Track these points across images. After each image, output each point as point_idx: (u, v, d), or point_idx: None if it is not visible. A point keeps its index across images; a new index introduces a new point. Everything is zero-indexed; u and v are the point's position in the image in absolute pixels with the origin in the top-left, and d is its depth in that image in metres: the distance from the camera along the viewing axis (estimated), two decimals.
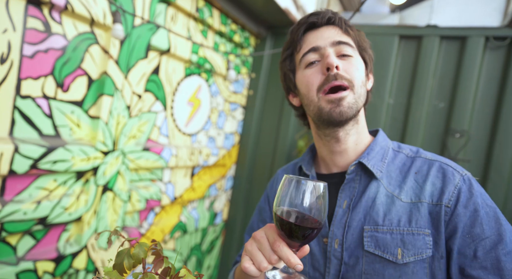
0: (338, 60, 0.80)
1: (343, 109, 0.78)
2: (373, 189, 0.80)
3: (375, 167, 0.81)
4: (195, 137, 1.98)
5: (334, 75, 0.78)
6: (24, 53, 1.13)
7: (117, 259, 0.52)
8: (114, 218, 1.51)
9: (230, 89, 2.21)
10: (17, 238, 1.20)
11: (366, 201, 0.80)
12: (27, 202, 1.18)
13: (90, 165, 1.35)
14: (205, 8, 1.80)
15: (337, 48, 0.82)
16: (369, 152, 0.84)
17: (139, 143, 1.60)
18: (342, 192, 0.83)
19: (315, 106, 0.82)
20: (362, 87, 0.81)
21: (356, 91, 0.79)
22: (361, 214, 0.79)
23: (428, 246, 0.73)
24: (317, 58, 0.82)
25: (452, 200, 0.73)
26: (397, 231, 0.75)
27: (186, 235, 2.04)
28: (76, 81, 1.29)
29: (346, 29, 0.84)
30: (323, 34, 0.83)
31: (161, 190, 1.77)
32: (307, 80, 0.83)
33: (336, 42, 0.82)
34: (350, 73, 0.79)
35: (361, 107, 0.82)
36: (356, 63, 0.82)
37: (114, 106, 1.40)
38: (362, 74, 0.83)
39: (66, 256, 1.34)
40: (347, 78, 0.78)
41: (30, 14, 1.12)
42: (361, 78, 0.81)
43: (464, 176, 0.76)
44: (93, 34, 1.30)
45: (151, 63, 1.57)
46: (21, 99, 1.14)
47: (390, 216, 0.76)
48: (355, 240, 0.78)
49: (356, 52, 0.84)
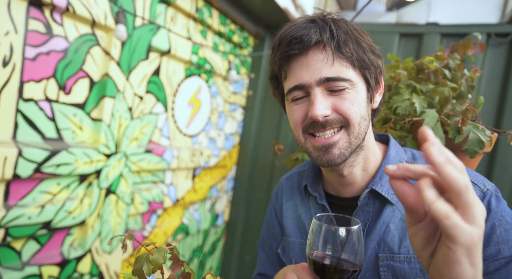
0: (327, 98, 0.69)
1: (332, 157, 0.69)
2: (388, 213, 0.73)
3: (389, 192, 0.73)
4: (196, 138, 1.97)
5: (322, 124, 0.68)
6: (26, 56, 1.11)
7: (136, 264, 0.51)
8: (118, 221, 1.49)
9: (230, 89, 2.20)
10: (21, 242, 1.19)
11: (381, 227, 0.73)
12: (31, 207, 1.17)
13: (93, 168, 1.34)
14: (204, 8, 1.80)
15: (326, 85, 0.69)
16: (382, 175, 0.75)
17: (141, 145, 1.59)
18: (356, 217, 0.76)
19: (303, 146, 0.74)
20: (362, 122, 0.70)
21: (352, 131, 0.69)
22: (375, 241, 0.72)
23: None
24: (304, 93, 0.71)
25: None
26: (416, 259, 0.67)
27: (188, 237, 2.03)
28: (78, 83, 1.27)
29: (338, 51, 0.68)
30: (309, 64, 0.69)
31: (163, 192, 1.76)
32: (293, 117, 0.73)
33: (323, 79, 0.68)
34: (343, 112, 0.68)
35: (361, 141, 0.72)
36: (352, 97, 0.69)
37: (116, 108, 1.39)
38: (362, 106, 0.71)
39: (71, 260, 1.33)
40: (339, 120, 0.68)
41: (31, 16, 1.11)
42: (359, 111, 0.70)
43: (486, 191, 0.67)
44: (94, 35, 1.29)
45: (152, 64, 1.56)
46: (23, 102, 1.13)
47: (406, 243, 0.69)
48: (370, 269, 0.72)
49: (352, 81, 0.70)
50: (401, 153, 0.81)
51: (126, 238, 0.61)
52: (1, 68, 1.06)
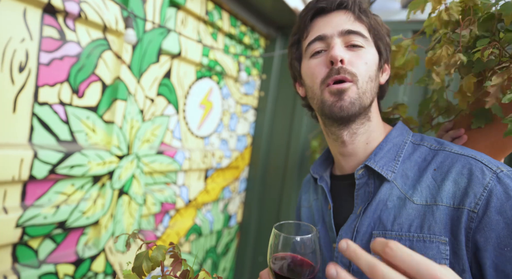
0: (344, 51, 0.74)
1: (344, 103, 0.72)
2: (385, 191, 0.73)
3: (384, 168, 0.74)
4: (208, 140, 2.00)
5: (337, 69, 0.72)
6: (41, 61, 1.16)
7: (136, 262, 0.53)
8: (131, 221, 1.53)
9: (241, 91, 2.22)
10: (38, 241, 1.23)
11: (377, 205, 0.73)
12: (46, 207, 1.21)
13: (106, 169, 1.37)
14: (214, 11, 1.82)
15: (345, 38, 0.75)
16: (377, 152, 0.76)
17: (153, 146, 1.62)
18: (358, 198, 0.77)
19: (318, 99, 0.77)
20: (369, 83, 0.74)
21: (360, 86, 0.73)
22: (370, 219, 0.73)
23: (444, 256, 0.62)
24: (324, 47, 0.76)
25: (480, 204, 0.60)
26: (407, 237, 0.66)
27: (201, 238, 2.05)
28: (91, 87, 1.31)
29: (359, 14, 0.76)
30: (332, 21, 0.76)
31: (176, 193, 1.78)
32: (312, 71, 0.77)
33: (345, 31, 0.74)
34: (356, 66, 0.73)
35: (368, 104, 0.75)
36: (366, 56, 0.75)
37: (128, 111, 1.42)
38: (372, 68, 0.76)
39: (85, 259, 1.36)
40: (351, 71, 0.72)
41: (45, 23, 1.15)
42: (369, 72, 0.74)
43: (499, 173, 0.62)
44: (106, 40, 1.33)
45: (162, 67, 1.59)
46: (39, 106, 1.17)
47: (400, 220, 0.68)
48: (364, 246, 0.72)
49: (369, 42, 0.77)
50: (406, 135, 0.80)
51: (130, 237, 0.63)
52: (17, 74, 1.10)
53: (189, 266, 0.54)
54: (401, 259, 0.40)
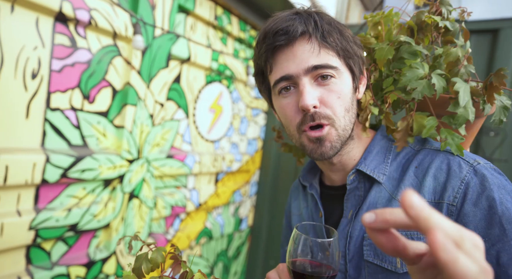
0: (314, 90, 0.69)
1: (325, 150, 0.70)
2: (375, 194, 0.73)
3: (375, 171, 0.74)
4: (218, 144, 2.01)
5: (311, 116, 0.69)
6: (53, 68, 1.19)
7: (136, 263, 0.54)
8: (141, 224, 1.55)
9: (252, 94, 2.22)
10: (51, 244, 1.26)
11: (368, 208, 0.72)
12: (58, 210, 1.24)
13: (117, 173, 1.40)
14: (223, 15, 1.84)
15: (313, 73, 0.69)
16: (366, 156, 0.76)
17: (163, 150, 1.64)
18: (347, 202, 0.77)
19: (297, 141, 0.74)
20: (346, 115, 0.72)
21: (338, 125, 0.70)
22: (361, 223, 0.70)
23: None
24: (291, 84, 0.71)
25: (458, 197, 0.62)
26: None
27: (212, 241, 2.06)
28: (101, 92, 1.34)
29: (322, 41, 0.69)
30: (296, 55, 0.69)
31: (186, 197, 1.80)
32: (285, 113, 0.74)
33: (311, 67, 0.68)
34: (330, 105, 0.69)
35: (349, 133, 0.74)
36: (337, 87, 0.70)
37: (138, 116, 1.45)
38: (347, 97, 0.72)
39: (97, 262, 1.39)
40: (325, 115, 0.69)
41: (57, 30, 1.18)
42: (344, 104, 0.71)
43: (476, 166, 0.64)
44: (116, 46, 1.36)
45: (172, 72, 1.61)
46: (51, 112, 1.20)
47: None
48: (358, 250, 0.72)
49: (339, 69, 0.71)
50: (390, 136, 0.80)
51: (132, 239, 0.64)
52: (30, 80, 1.14)
53: (188, 268, 0.55)
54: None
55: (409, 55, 0.78)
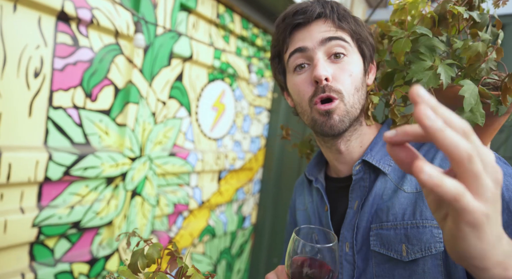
0: (327, 67, 0.73)
1: (333, 122, 0.73)
2: (380, 185, 0.74)
3: (381, 162, 0.75)
4: (221, 142, 2.01)
5: (322, 88, 0.72)
6: (55, 67, 1.20)
7: (132, 259, 0.54)
8: (144, 222, 1.56)
9: (255, 92, 2.23)
10: (54, 241, 1.27)
11: (374, 199, 0.74)
12: (61, 207, 1.25)
13: (119, 171, 1.40)
14: (226, 14, 1.84)
15: (327, 47, 0.74)
16: (373, 147, 0.78)
17: (165, 148, 1.65)
18: (353, 193, 0.78)
19: (309, 116, 0.77)
20: (355, 94, 0.75)
21: (347, 101, 0.73)
22: (368, 213, 0.74)
23: (438, 240, 0.63)
24: (306, 60, 0.76)
25: None
26: (401, 225, 0.68)
27: (215, 239, 2.07)
28: (103, 91, 1.35)
29: (339, 22, 0.75)
30: (312, 32, 0.75)
31: (189, 195, 1.81)
32: (298, 89, 0.77)
33: (325, 38, 0.73)
34: (341, 81, 0.73)
35: (358, 114, 0.76)
36: (349, 66, 0.74)
37: (140, 114, 1.45)
38: (358, 77, 0.75)
39: (99, 259, 1.40)
40: (336, 89, 0.72)
41: (59, 30, 1.19)
42: (354, 83, 0.74)
43: None
44: (118, 45, 1.36)
45: (174, 70, 1.62)
46: (53, 110, 1.21)
47: (393, 211, 0.70)
48: (365, 242, 0.73)
49: (352, 48, 0.76)
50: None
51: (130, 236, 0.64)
52: (33, 79, 1.15)
53: (184, 263, 0.55)
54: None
55: (425, 49, 0.76)
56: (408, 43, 0.75)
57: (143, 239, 0.60)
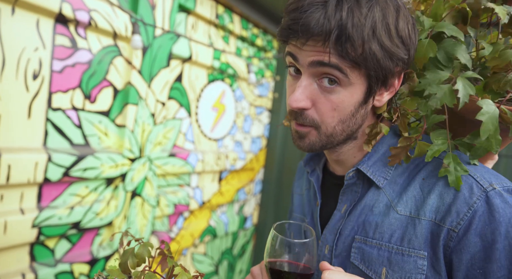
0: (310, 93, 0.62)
1: (303, 145, 0.67)
2: (372, 197, 0.70)
3: (376, 174, 0.69)
4: (221, 142, 2.02)
5: (297, 114, 0.64)
6: (54, 69, 1.21)
7: (122, 258, 0.54)
8: (144, 222, 1.56)
9: (255, 93, 2.23)
10: (54, 241, 1.28)
11: (363, 209, 0.70)
12: (61, 208, 1.26)
13: (119, 172, 1.41)
14: (225, 14, 1.84)
15: (317, 70, 0.60)
16: (371, 155, 0.71)
17: (165, 149, 1.65)
18: (343, 195, 0.74)
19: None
20: (339, 125, 0.64)
21: (324, 132, 0.65)
22: (354, 222, 0.70)
23: (421, 271, 0.60)
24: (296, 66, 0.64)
25: (462, 224, 0.57)
26: (386, 247, 0.64)
27: (216, 239, 2.07)
28: (102, 92, 1.36)
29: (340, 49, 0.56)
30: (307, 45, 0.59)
31: (189, 195, 1.81)
32: (287, 91, 0.69)
33: (315, 62, 0.58)
34: (321, 113, 0.63)
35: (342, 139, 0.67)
36: (337, 99, 0.61)
37: (139, 115, 1.46)
38: (346, 110, 0.63)
39: (100, 259, 1.41)
40: (312, 119, 0.64)
41: (58, 32, 1.20)
42: (339, 116, 0.63)
43: (489, 192, 0.57)
44: (116, 46, 1.37)
45: (173, 71, 1.62)
46: (52, 112, 1.22)
47: (381, 229, 0.65)
48: (346, 249, 0.71)
49: (349, 78, 0.59)
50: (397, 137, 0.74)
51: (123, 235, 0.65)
52: (32, 81, 1.16)
53: (175, 263, 0.55)
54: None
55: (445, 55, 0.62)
56: (433, 46, 0.61)
57: (135, 238, 0.60)
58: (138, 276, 0.49)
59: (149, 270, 0.50)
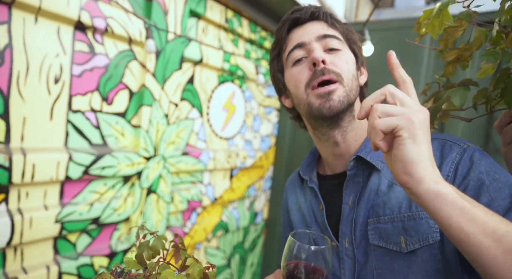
0: (324, 54, 0.77)
1: (333, 103, 0.74)
2: (375, 181, 0.76)
3: (375, 158, 0.77)
4: (232, 141, 2.08)
5: (321, 70, 0.75)
6: (73, 73, 1.29)
7: (138, 250, 0.61)
8: (159, 218, 1.64)
9: (264, 93, 2.28)
10: (76, 236, 1.37)
11: (369, 194, 0.76)
12: (82, 204, 1.34)
13: (135, 170, 1.49)
14: (234, 18, 1.90)
15: (323, 42, 0.79)
16: (367, 143, 0.80)
17: (179, 148, 1.72)
18: (347, 189, 0.79)
19: (305, 103, 0.79)
20: (353, 81, 0.78)
21: (346, 84, 0.76)
22: (364, 209, 0.76)
23: (434, 229, 0.66)
24: (304, 54, 0.80)
25: (450, 175, 0.67)
26: (398, 218, 0.70)
27: (228, 234, 2.14)
28: (119, 94, 1.43)
29: (332, 22, 0.82)
30: (308, 30, 0.81)
31: (202, 192, 1.88)
32: (295, 78, 0.80)
33: (321, 35, 0.79)
34: (339, 66, 0.77)
35: (354, 100, 0.79)
36: (345, 57, 0.79)
37: (153, 115, 1.53)
38: (353, 67, 0.80)
39: (118, 253, 1.49)
40: (335, 71, 0.76)
41: (77, 38, 1.28)
42: (351, 71, 0.79)
43: (466, 147, 0.69)
44: (131, 51, 1.44)
45: (185, 73, 1.69)
46: (72, 114, 1.30)
47: (390, 205, 0.72)
48: (363, 235, 0.75)
49: (345, 45, 0.81)
50: None
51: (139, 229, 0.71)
52: (53, 85, 1.24)
53: (188, 255, 0.61)
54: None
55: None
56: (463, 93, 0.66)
57: (150, 232, 0.66)
58: (153, 267, 0.55)
59: (163, 262, 0.56)
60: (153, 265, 0.55)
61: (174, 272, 0.53)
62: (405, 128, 0.50)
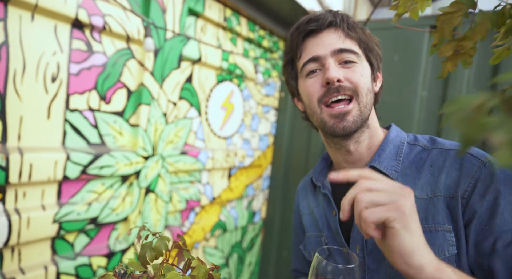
0: (339, 69, 0.77)
1: (347, 124, 0.75)
2: None
3: (388, 168, 0.78)
4: (230, 140, 2.07)
5: (336, 88, 0.75)
6: (71, 72, 1.27)
7: (141, 251, 0.60)
8: (158, 217, 1.63)
9: (262, 92, 2.27)
10: (73, 236, 1.35)
11: None
12: (79, 204, 1.33)
13: (133, 169, 1.48)
14: (232, 17, 1.89)
15: (338, 56, 0.78)
16: (380, 153, 0.80)
17: (177, 147, 1.71)
18: None
19: (318, 118, 0.80)
20: (368, 94, 0.78)
21: (361, 100, 0.77)
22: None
23: (450, 243, 0.67)
24: (318, 66, 0.80)
25: (468, 190, 0.67)
26: None
27: (227, 233, 2.13)
28: (117, 93, 1.42)
29: (348, 31, 0.79)
30: (324, 41, 0.79)
31: (200, 191, 1.87)
32: (308, 90, 0.81)
33: (337, 50, 0.78)
34: (354, 81, 0.76)
35: (368, 114, 0.79)
36: (360, 70, 0.78)
37: (152, 114, 1.52)
38: (368, 80, 0.80)
39: (116, 253, 1.48)
40: (350, 87, 0.76)
41: (74, 36, 1.26)
42: (366, 84, 0.78)
43: (487, 163, 0.68)
44: (129, 49, 1.43)
45: (184, 72, 1.68)
46: (70, 113, 1.29)
47: None
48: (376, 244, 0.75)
49: (361, 57, 0.80)
50: (402, 135, 0.84)
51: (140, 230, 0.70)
52: (50, 84, 1.22)
53: (192, 256, 0.61)
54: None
55: None
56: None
57: (152, 232, 0.65)
58: (157, 268, 0.55)
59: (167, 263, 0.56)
60: (157, 267, 0.55)
61: (180, 274, 0.52)
62: (397, 220, 0.51)
